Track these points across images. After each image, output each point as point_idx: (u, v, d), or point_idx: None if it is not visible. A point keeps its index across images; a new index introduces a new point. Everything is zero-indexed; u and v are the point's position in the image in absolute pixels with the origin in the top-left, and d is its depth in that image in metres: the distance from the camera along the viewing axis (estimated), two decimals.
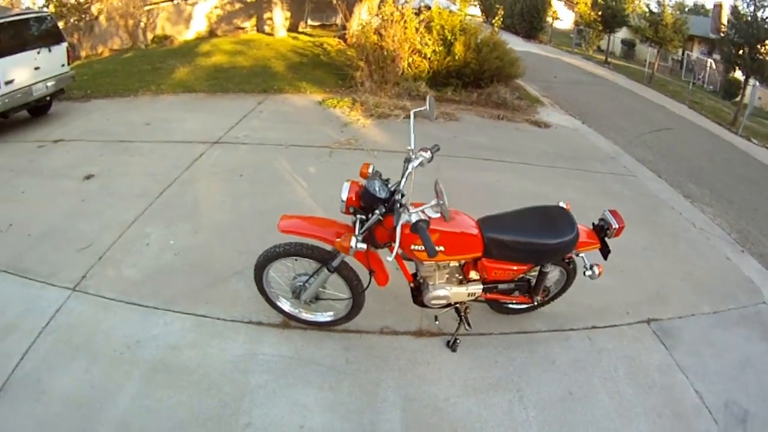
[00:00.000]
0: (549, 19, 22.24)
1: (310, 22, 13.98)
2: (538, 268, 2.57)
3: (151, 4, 14.01)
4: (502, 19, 8.22)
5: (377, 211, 2.10)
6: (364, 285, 2.48)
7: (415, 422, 2.31)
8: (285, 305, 2.72)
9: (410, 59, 7.25)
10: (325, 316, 2.75)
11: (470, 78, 7.33)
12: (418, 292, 2.54)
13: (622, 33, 21.06)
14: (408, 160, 2.31)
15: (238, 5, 14.21)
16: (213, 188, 4.35)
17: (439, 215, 2.22)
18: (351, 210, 2.25)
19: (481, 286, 2.53)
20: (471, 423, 2.33)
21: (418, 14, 7.51)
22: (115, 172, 4.66)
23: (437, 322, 2.72)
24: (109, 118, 6.35)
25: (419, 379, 2.53)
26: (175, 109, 6.70)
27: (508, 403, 2.45)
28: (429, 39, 7.24)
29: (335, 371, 2.49)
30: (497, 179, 4.91)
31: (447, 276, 2.52)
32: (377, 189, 2.16)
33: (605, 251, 2.58)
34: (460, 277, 2.54)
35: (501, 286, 2.59)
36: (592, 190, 5.03)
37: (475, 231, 2.35)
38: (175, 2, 14.47)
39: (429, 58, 7.31)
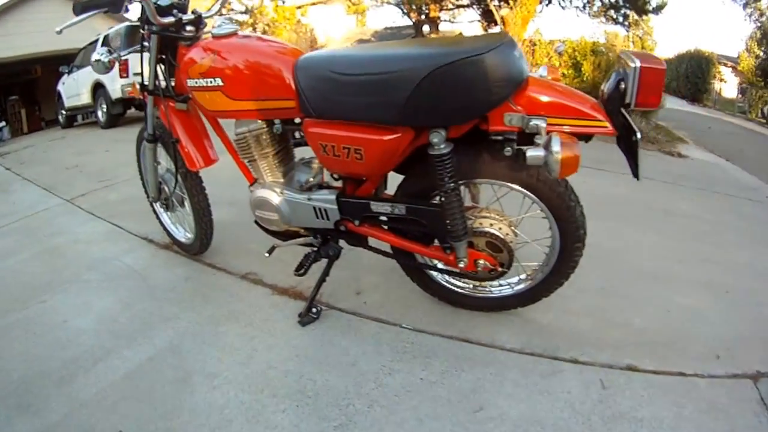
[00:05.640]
0: (715, 83, 20.49)
1: None
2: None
3: (319, 46, 15.97)
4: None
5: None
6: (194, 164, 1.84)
7: (148, 370, 1.61)
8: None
9: None
10: (179, 234, 2.32)
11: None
12: None
13: None
14: None
15: None
16: None
17: (231, 30, 1.56)
18: None
19: (333, 197, 1.55)
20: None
21: (560, 55, 7.14)
22: None
23: (267, 255, 1.79)
24: None
25: (214, 336, 1.73)
26: None
27: None
28: (558, 61, 6.85)
29: (147, 293, 2.05)
30: (582, 180, 3.82)
31: (282, 170, 1.66)
32: None
33: (630, 138, 1.24)
34: (312, 179, 1.66)
35: (377, 207, 1.48)
36: (716, 207, 3.72)
37: (286, 65, 1.45)
38: (349, 44, 16.41)
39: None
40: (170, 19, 1.62)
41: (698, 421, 1.41)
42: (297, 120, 1.54)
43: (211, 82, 1.52)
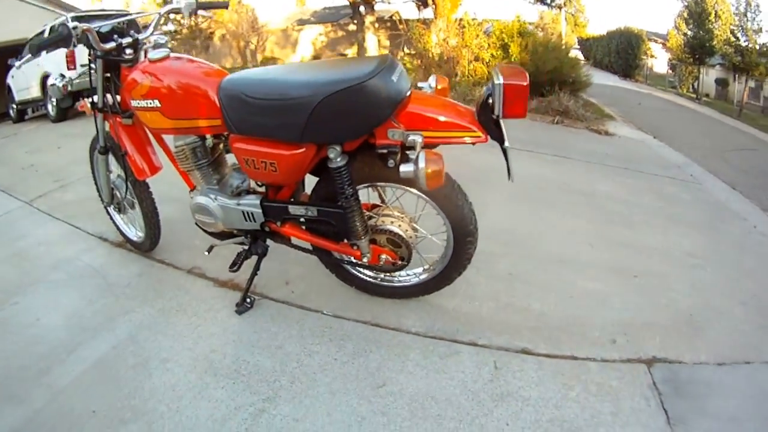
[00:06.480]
0: (646, 59, 21.85)
1: (406, 50, 14.47)
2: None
3: (261, 29, 15.70)
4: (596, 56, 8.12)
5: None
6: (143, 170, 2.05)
7: (112, 358, 1.85)
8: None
9: (471, 66, 7.09)
10: (131, 234, 2.56)
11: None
12: None
13: (716, 72, 20.02)
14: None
15: (341, 33, 15.75)
16: None
17: (165, 54, 1.76)
18: None
19: (258, 201, 1.78)
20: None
21: (488, 36, 7.37)
22: None
23: (207, 254, 2.04)
24: None
25: (166, 325, 1.99)
26: None
27: None
28: (486, 42, 7.04)
29: (106, 290, 2.27)
30: (504, 162, 4.05)
31: (216, 178, 1.90)
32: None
33: (500, 138, 1.48)
34: (241, 185, 1.90)
35: (294, 209, 1.72)
36: (638, 187, 3.95)
37: (212, 87, 1.65)
38: (284, 27, 16.27)
39: (487, 63, 7.06)
40: (111, 45, 1.83)
41: (584, 403, 1.55)
42: (226, 133, 1.79)
43: (150, 103, 1.73)
